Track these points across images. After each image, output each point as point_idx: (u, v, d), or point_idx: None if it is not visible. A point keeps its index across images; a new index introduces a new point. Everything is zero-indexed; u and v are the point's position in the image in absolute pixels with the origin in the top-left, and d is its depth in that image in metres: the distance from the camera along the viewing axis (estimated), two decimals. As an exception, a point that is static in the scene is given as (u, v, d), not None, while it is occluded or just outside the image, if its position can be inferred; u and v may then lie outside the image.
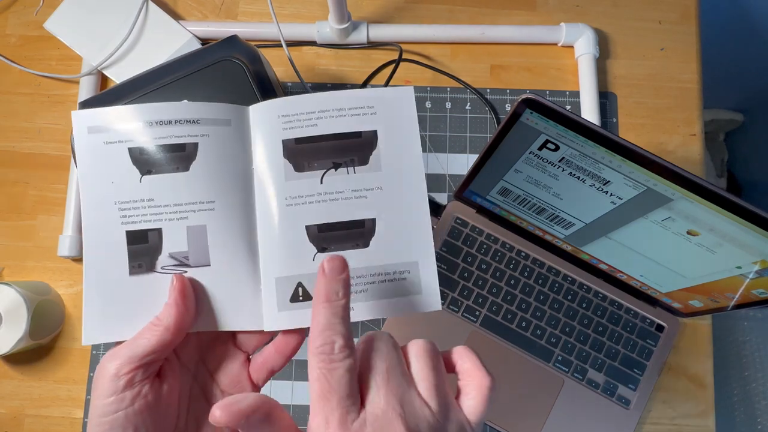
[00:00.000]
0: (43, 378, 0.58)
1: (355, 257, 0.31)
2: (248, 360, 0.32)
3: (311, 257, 0.31)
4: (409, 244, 0.31)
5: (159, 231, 0.30)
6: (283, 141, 0.32)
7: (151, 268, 0.30)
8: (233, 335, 0.32)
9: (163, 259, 0.30)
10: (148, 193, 0.30)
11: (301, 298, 0.31)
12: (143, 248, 0.30)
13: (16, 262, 0.60)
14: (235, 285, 0.31)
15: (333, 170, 0.31)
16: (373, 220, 0.31)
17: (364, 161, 0.32)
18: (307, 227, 0.31)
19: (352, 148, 0.32)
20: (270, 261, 0.31)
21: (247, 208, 0.31)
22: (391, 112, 0.32)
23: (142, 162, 0.30)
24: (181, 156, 0.30)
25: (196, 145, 0.31)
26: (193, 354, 0.32)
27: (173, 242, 0.30)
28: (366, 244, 0.31)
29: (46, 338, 0.57)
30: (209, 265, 0.30)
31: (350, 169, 0.31)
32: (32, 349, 0.58)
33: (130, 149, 0.30)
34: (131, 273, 0.30)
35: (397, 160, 0.32)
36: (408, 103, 0.32)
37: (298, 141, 0.31)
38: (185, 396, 0.30)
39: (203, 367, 0.32)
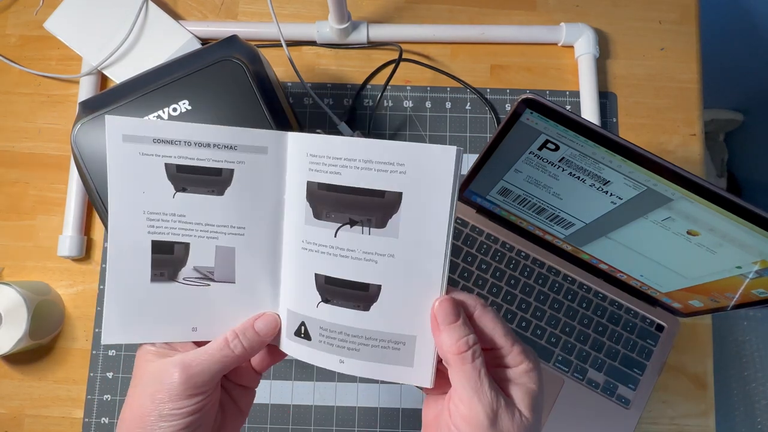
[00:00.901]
0: (43, 378, 0.58)
1: (353, 316, 0.30)
2: None
3: (315, 304, 0.30)
4: (411, 317, 0.29)
5: (186, 245, 0.31)
6: (308, 182, 0.30)
7: (172, 277, 0.31)
8: None
9: (186, 271, 0.31)
10: (180, 209, 0.30)
11: (302, 335, 0.31)
12: (168, 259, 0.31)
13: (16, 262, 0.60)
14: (257, 304, 0.32)
15: (348, 226, 0.29)
16: (378, 287, 0.29)
17: (381, 224, 0.29)
18: (316, 275, 0.30)
19: (372, 208, 0.29)
20: (286, 291, 0.32)
21: (275, 236, 0.31)
22: (423, 174, 0.28)
23: (178, 179, 0.30)
24: (217, 180, 0.31)
25: (232, 171, 0.31)
26: None
27: (200, 257, 0.31)
28: (366, 308, 0.30)
29: (46, 338, 0.57)
30: (234, 283, 0.31)
31: (365, 229, 0.29)
32: (32, 349, 0.58)
33: (166, 165, 0.30)
34: (153, 280, 0.31)
35: (418, 229, 0.29)
36: (446, 166, 0.28)
37: (320, 186, 0.30)
38: (219, 402, 0.32)
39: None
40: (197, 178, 0.30)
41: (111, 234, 0.30)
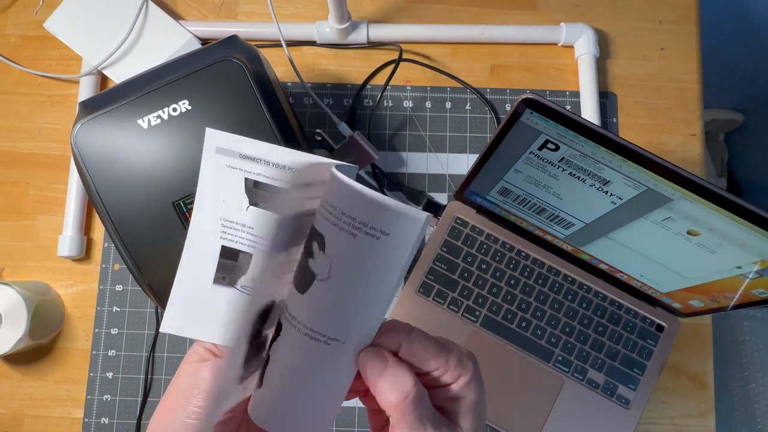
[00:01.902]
0: (42, 378, 0.58)
1: None
2: None
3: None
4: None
5: (249, 255, 0.32)
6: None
7: (232, 283, 0.32)
8: None
9: (244, 280, 0.32)
10: (250, 221, 0.32)
11: None
12: (231, 265, 0.32)
13: (16, 262, 0.60)
14: None
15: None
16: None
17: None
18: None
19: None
20: None
21: None
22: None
23: (252, 193, 0.32)
24: None
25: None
26: None
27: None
28: None
29: (45, 338, 0.57)
30: None
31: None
32: (32, 349, 0.58)
33: (245, 179, 0.32)
34: (214, 282, 0.32)
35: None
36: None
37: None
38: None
39: None
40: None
41: (191, 231, 0.32)
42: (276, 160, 0.32)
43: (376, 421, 0.28)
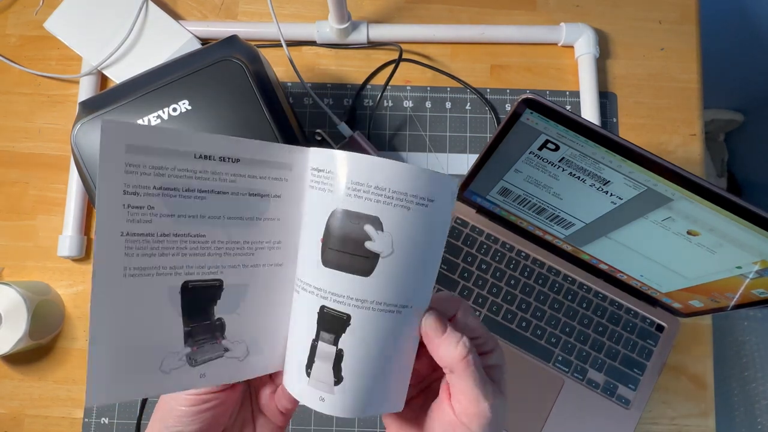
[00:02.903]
0: (42, 378, 0.58)
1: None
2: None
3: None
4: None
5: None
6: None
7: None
8: None
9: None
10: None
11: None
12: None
13: (16, 262, 0.60)
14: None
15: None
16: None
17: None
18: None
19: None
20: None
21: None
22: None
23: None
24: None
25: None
26: None
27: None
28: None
29: (45, 338, 0.57)
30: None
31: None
32: (32, 349, 0.58)
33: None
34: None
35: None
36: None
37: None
38: (240, 399, 0.33)
39: (253, 383, 0.34)
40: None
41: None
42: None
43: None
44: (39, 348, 0.58)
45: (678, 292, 0.54)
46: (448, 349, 0.27)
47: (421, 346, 0.28)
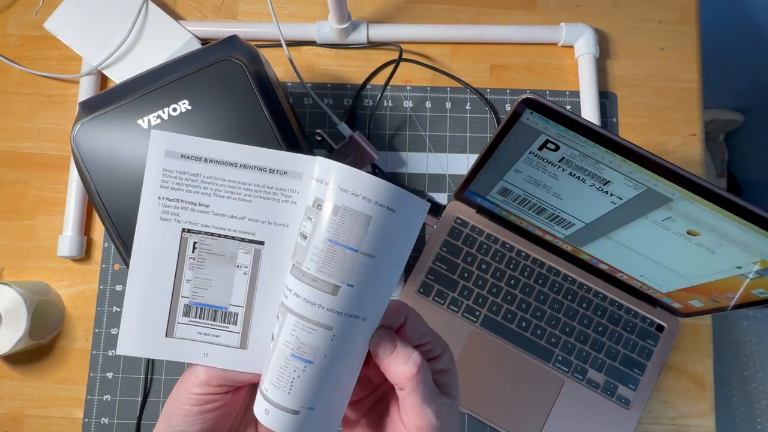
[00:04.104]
0: (43, 378, 0.58)
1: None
2: None
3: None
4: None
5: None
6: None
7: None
8: None
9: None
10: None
11: None
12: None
13: (16, 262, 0.60)
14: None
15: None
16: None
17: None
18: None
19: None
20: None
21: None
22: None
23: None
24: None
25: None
26: None
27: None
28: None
29: (45, 338, 0.57)
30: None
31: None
32: (32, 349, 0.58)
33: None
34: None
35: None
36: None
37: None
38: (244, 404, 0.33)
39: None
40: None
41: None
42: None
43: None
44: (39, 348, 0.58)
45: (678, 292, 0.54)
46: (398, 369, 0.26)
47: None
